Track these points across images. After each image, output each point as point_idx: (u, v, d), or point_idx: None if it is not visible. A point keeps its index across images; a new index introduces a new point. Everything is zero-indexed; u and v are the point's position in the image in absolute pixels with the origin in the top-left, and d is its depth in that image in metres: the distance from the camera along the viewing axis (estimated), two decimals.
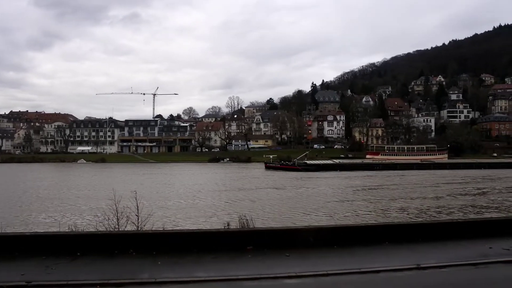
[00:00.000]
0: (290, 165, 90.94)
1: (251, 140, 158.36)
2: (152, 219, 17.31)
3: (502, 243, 13.81)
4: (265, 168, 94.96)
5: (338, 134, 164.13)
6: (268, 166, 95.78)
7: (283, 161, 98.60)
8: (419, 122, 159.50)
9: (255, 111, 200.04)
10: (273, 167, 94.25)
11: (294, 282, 10.16)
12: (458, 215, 31.06)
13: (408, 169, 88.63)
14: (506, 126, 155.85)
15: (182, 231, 15.78)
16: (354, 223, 24.11)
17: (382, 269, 11.07)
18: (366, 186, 57.49)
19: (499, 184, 58.78)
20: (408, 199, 41.75)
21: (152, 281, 9.79)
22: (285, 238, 13.20)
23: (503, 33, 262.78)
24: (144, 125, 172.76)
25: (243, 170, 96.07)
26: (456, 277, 10.97)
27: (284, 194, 46.73)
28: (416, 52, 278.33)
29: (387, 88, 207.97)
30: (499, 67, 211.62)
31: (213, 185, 59.06)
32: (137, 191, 18.08)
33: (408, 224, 19.16)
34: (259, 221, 22.02)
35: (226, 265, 11.12)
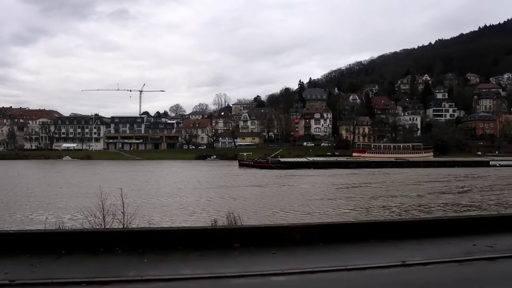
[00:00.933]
0: (263, 163, 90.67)
1: (238, 137, 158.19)
2: (138, 216, 17.21)
3: (485, 240, 14.00)
4: (238, 166, 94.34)
5: (325, 132, 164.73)
6: (242, 164, 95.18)
7: (256, 159, 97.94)
8: (405, 120, 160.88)
9: (242, 109, 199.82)
10: (246, 164, 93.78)
11: (281, 279, 10.17)
12: (436, 212, 31.47)
13: (383, 167, 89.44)
14: (490, 125, 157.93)
15: (168, 228, 15.70)
16: (340, 220, 24.21)
17: (368, 266, 11.14)
18: (349, 184, 57.88)
19: (470, 182, 59.67)
20: (390, 197, 42.17)
21: (138, 279, 9.72)
22: (271, 236, 13.22)
23: (488, 33, 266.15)
24: (131, 122, 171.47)
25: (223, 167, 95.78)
26: (441, 274, 11.09)
27: (268, 192, 46.87)
28: (403, 51, 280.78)
29: (374, 86, 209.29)
30: (484, 67, 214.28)
31: (196, 182, 58.85)
32: (123, 189, 17.95)
33: (393, 221, 19.31)
34: (246, 218, 21.99)
35: (213, 263, 11.09)
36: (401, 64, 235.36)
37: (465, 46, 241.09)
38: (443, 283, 10.32)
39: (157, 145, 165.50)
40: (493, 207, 34.55)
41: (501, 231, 15.31)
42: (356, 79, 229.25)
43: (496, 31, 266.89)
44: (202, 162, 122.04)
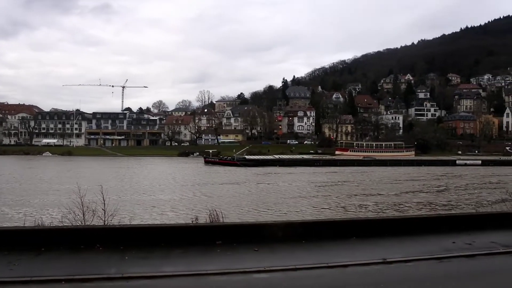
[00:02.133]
0: (228, 160, 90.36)
1: (221, 134, 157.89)
2: (119, 213, 17.07)
3: (464, 237, 14.25)
4: (204, 163, 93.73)
5: (308, 130, 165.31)
6: (207, 161, 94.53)
7: (221, 156, 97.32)
8: (387, 119, 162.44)
9: (226, 106, 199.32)
10: (211, 161, 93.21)
11: (263, 276, 10.19)
12: (406, 211, 31.91)
13: (349, 165, 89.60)
14: (470, 125, 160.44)
15: (150, 225, 15.60)
16: (322, 218, 24.37)
17: (350, 263, 11.24)
18: (323, 182, 57.97)
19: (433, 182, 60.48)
20: (366, 196, 42.60)
21: (119, 276, 9.64)
22: (254, 233, 13.23)
23: (469, 34, 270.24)
24: (113, 118, 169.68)
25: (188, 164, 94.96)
26: (421, 271, 11.25)
27: (245, 190, 46.80)
28: (386, 51, 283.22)
29: (357, 85, 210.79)
30: (465, 68, 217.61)
31: (172, 180, 58.40)
32: (104, 185, 17.80)
33: (374, 219, 19.49)
34: (228, 215, 21.96)
35: (195, 260, 11.05)
36: (384, 63, 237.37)
37: (447, 46, 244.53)
38: (423, 280, 10.45)
39: (140, 141, 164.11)
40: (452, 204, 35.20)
41: (479, 228, 15.59)
42: (340, 77, 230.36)
43: (477, 32, 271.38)
44: (185, 159, 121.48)
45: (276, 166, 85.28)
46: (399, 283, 10.02)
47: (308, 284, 9.87)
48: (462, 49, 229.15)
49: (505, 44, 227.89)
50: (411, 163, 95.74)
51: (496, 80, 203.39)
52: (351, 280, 10.26)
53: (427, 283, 10.14)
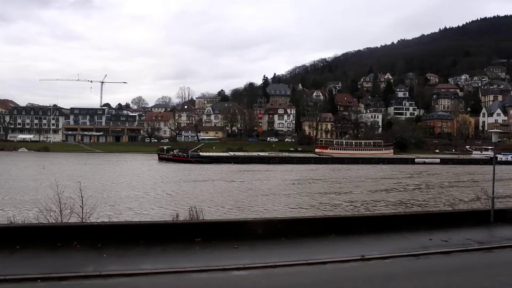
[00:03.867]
0: (182, 157, 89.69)
1: (201, 131, 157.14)
2: (97, 210, 16.86)
3: (441, 235, 14.53)
4: (158, 160, 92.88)
5: (288, 127, 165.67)
6: (161, 157, 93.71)
7: (175, 153, 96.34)
8: (367, 117, 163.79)
9: (206, 103, 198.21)
10: (165, 158, 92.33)
11: (243, 273, 10.20)
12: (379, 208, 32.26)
13: (306, 163, 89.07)
14: (448, 124, 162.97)
15: (129, 223, 15.46)
16: (302, 215, 24.48)
17: (329, 260, 11.34)
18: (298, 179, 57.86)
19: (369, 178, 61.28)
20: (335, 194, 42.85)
21: (97, 274, 9.53)
22: (234, 230, 13.24)
23: (448, 35, 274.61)
24: (91, 114, 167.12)
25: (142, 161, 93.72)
26: (398, 267, 11.41)
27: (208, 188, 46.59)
28: (366, 50, 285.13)
29: (337, 83, 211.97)
30: (443, 68, 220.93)
31: (158, 177, 57.72)
32: (82, 182, 17.55)
33: (353, 217, 19.70)
34: (207, 213, 21.89)
35: (174, 257, 11.01)
36: (364, 62, 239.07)
37: (426, 46, 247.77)
38: (400, 276, 10.61)
39: (118, 137, 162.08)
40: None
41: (455, 226, 15.91)
42: (320, 76, 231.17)
43: (456, 33, 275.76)
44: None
45: (231, 163, 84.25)
46: (377, 280, 10.14)
47: (287, 281, 9.92)
48: (440, 50, 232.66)
49: (481, 45, 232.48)
50: (369, 161, 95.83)
51: (473, 80, 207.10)
52: (330, 277, 10.34)
53: (404, 280, 10.29)
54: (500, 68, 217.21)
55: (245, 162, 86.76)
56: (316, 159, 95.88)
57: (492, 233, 15.60)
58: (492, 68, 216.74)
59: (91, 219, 15.23)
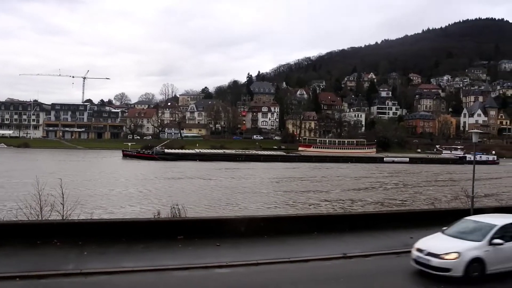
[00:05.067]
0: (147, 154, 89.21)
1: (184, 128, 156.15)
2: (78, 207, 16.58)
3: (422, 233, 14.64)
4: (122, 156, 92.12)
5: (272, 125, 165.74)
6: (126, 154, 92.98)
7: (139, 150, 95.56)
8: (350, 116, 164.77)
9: (190, 100, 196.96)
10: (129, 155, 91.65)
11: (225, 271, 10.20)
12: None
13: (272, 161, 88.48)
14: (429, 124, 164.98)
15: (111, 220, 15.32)
16: (284, 213, 24.56)
17: (311, 258, 11.40)
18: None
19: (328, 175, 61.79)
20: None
21: (78, 272, 9.43)
22: (216, 228, 13.21)
23: (431, 36, 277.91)
24: (73, 110, 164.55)
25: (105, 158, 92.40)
26: (380, 265, 11.52)
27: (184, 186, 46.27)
28: (350, 49, 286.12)
29: (321, 82, 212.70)
30: (426, 68, 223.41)
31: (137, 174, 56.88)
32: (63, 179, 17.29)
33: (335, 215, 19.82)
34: (189, 210, 21.77)
35: (156, 255, 10.95)
36: (348, 61, 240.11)
37: (409, 47, 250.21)
38: (382, 274, 10.72)
39: (101, 134, 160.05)
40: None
41: (436, 224, 16.08)
42: (304, 74, 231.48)
43: (438, 34, 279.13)
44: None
45: (196, 161, 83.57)
46: (358, 277, 10.23)
47: (269, 278, 9.94)
48: (423, 50, 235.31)
49: (463, 47, 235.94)
50: (337, 159, 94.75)
51: (454, 81, 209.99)
52: (312, 274, 10.39)
53: (385, 277, 10.40)
54: (481, 70, 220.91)
55: (211, 160, 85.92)
56: (283, 157, 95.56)
57: None
58: (473, 70, 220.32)
59: (72, 216, 15.03)
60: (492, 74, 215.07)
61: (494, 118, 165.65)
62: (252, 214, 23.79)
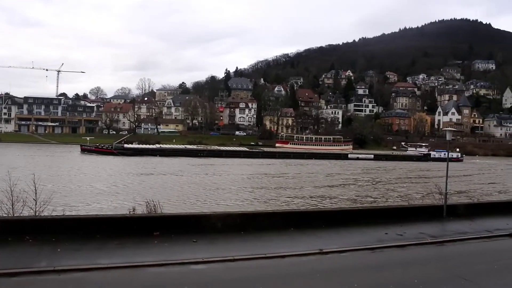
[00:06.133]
0: (106, 149, 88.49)
1: (161, 124, 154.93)
2: (52, 203, 16.25)
3: (396, 229, 14.95)
4: (80, 151, 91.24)
5: (250, 121, 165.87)
6: (84, 149, 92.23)
7: (98, 144, 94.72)
8: (327, 113, 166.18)
9: (167, 95, 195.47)
10: (88, 149, 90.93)
11: (201, 267, 10.15)
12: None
13: (235, 157, 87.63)
14: (405, 122, 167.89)
15: (85, 216, 15.06)
16: (261, 209, 24.59)
17: (287, 254, 11.45)
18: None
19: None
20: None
21: (51, 269, 9.24)
22: (193, 224, 13.14)
23: (407, 35, 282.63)
24: (46, 103, 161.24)
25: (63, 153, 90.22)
26: (355, 260, 11.67)
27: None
28: (328, 47, 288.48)
29: (299, 79, 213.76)
30: (402, 67, 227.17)
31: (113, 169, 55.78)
32: (36, 174, 16.93)
33: (312, 211, 19.97)
34: (164, 205, 21.58)
35: (132, 252, 10.83)
36: (326, 59, 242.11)
37: (386, 46, 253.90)
38: (356, 269, 10.85)
39: (75, 129, 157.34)
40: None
41: (410, 220, 16.41)
42: (282, 71, 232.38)
43: (415, 33, 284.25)
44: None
45: (156, 156, 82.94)
46: (334, 273, 10.32)
47: (246, 274, 9.94)
48: (400, 49, 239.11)
49: (439, 46, 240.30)
50: (302, 155, 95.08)
51: (430, 80, 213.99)
52: (289, 270, 10.43)
53: (361, 272, 10.52)
54: (456, 69, 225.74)
55: (172, 155, 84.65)
56: (246, 152, 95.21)
57: (445, 227, 16.18)
58: (448, 69, 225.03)
59: (45, 212, 14.72)
60: (466, 73, 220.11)
61: (467, 117, 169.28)
62: (228, 210, 23.76)
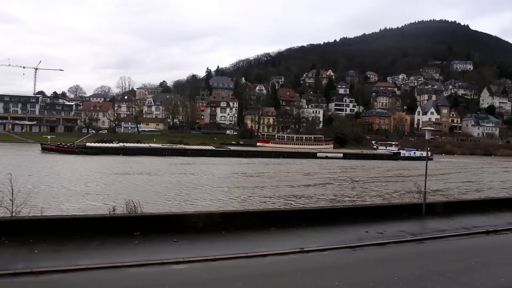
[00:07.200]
0: (67, 147, 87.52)
1: (142, 123, 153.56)
2: (29, 204, 16.01)
3: (376, 227, 15.12)
4: (41, 150, 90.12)
5: (231, 120, 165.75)
6: (44, 148, 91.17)
7: (59, 143, 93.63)
8: (308, 113, 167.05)
9: (147, 93, 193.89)
10: (48, 148, 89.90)
11: (182, 267, 10.10)
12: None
13: (202, 155, 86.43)
14: (385, 121, 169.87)
15: (63, 217, 14.80)
16: (242, 209, 24.58)
17: (268, 253, 11.46)
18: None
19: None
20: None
21: (28, 271, 9.06)
22: (173, 223, 13.07)
23: (388, 35, 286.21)
24: (23, 102, 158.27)
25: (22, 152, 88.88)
26: (336, 259, 11.75)
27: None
28: (309, 46, 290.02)
29: (280, 78, 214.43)
30: (383, 66, 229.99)
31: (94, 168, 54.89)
32: (12, 174, 16.61)
33: (293, 210, 20.04)
34: (144, 205, 21.40)
35: (112, 252, 10.72)
36: (307, 58, 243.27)
37: (367, 45, 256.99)
38: (337, 267, 10.93)
39: (53, 127, 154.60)
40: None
41: (390, 218, 16.60)
42: (264, 70, 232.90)
43: (395, 34, 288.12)
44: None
45: (120, 155, 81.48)
46: (315, 271, 10.36)
47: (227, 274, 9.91)
48: (380, 49, 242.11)
49: (418, 47, 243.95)
50: (269, 154, 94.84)
51: (409, 80, 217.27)
52: (270, 269, 10.45)
53: (342, 271, 10.60)
54: (435, 69, 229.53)
55: (136, 154, 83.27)
56: (212, 151, 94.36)
57: (424, 225, 16.40)
58: (427, 69, 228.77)
59: (22, 213, 14.46)
60: (445, 74, 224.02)
61: (446, 116, 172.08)
62: (209, 209, 23.68)
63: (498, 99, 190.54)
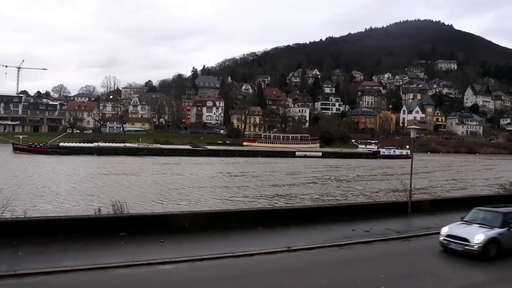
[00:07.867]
0: (39, 147, 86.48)
1: (127, 122, 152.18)
2: (12, 205, 15.72)
3: (363, 225, 15.22)
4: (13, 150, 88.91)
5: (217, 120, 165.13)
6: (16, 148, 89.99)
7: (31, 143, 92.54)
8: (295, 112, 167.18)
9: (133, 93, 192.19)
10: (20, 148, 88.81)
11: (169, 268, 10.04)
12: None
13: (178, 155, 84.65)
14: (371, 120, 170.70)
15: (47, 218, 14.61)
16: (229, 208, 24.51)
17: (256, 252, 11.46)
18: None
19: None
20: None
21: (11, 273, 8.92)
22: (160, 224, 12.99)
23: (373, 35, 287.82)
24: (6, 101, 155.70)
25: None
26: (323, 257, 11.78)
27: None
28: (295, 45, 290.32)
29: (267, 77, 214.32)
30: (368, 66, 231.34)
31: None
32: None
33: (280, 209, 20.04)
34: (132, 206, 21.18)
35: (97, 253, 10.60)
36: (293, 57, 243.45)
37: (352, 45, 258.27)
38: (325, 266, 10.96)
39: (37, 127, 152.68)
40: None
41: (377, 217, 16.72)
42: (250, 69, 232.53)
43: (380, 33, 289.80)
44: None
45: (94, 155, 79.82)
46: (303, 270, 10.38)
47: (214, 274, 9.87)
48: (366, 49, 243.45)
49: (403, 46, 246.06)
50: (247, 153, 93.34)
51: (395, 79, 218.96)
52: (257, 268, 10.44)
53: (329, 269, 10.64)
54: (419, 69, 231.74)
55: (111, 154, 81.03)
56: (189, 151, 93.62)
57: (409, 223, 16.55)
58: (412, 68, 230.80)
59: (5, 214, 14.23)
60: (429, 73, 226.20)
61: (431, 115, 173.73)
62: (195, 209, 23.58)
63: (481, 98, 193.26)
